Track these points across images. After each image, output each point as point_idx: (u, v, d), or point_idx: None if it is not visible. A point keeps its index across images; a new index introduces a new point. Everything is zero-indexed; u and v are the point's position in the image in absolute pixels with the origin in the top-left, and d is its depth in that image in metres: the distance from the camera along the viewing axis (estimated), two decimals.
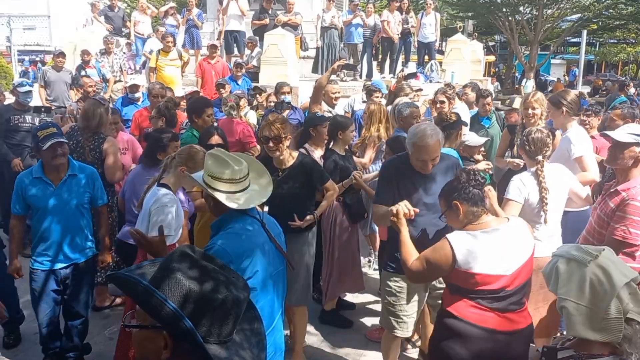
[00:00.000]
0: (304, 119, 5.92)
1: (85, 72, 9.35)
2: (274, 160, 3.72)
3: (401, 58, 13.14)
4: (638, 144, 3.14)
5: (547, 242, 3.40)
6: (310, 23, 12.89)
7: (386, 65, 13.38)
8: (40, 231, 3.71)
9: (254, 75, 10.56)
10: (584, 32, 18.39)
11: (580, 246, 1.80)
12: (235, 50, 11.80)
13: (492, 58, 34.67)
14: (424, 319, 3.77)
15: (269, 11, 11.80)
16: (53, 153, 3.58)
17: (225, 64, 10.45)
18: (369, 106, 5.61)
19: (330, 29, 11.67)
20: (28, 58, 30.89)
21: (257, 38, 11.25)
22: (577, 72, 23.32)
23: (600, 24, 27.89)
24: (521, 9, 25.43)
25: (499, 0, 25.18)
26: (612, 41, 37.37)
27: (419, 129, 3.19)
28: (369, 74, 12.28)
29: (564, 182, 3.62)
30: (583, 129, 4.44)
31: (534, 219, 3.46)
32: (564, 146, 4.17)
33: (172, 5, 13.07)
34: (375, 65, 13.24)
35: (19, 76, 20.18)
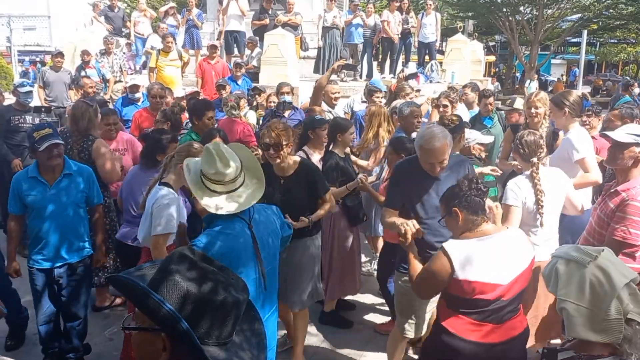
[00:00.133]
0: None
1: (85, 73, 9.36)
2: (274, 167, 3.66)
3: (401, 58, 13.14)
4: (638, 144, 3.13)
5: (544, 246, 3.37)
6: (311, 23, 12.88)
7: (386, 66, 13.38)
8: (35, 231, 3.73)
9: (254, 76, 10.56)
10: (584, 32, 18.36)
11: (579, 247, 1.80)
12: (236, 50, 11.80)
13: (492, 58, 34.69)
14: (431, 322, 3.76)
15: (269, 11, 11.80)
16: (49, 154, 3.60)
17: (225, 64, 10.45)
18: (370, 108, 5.61)
19: (332, 29, 11.67)
20: (28, 58, 30.87)
21: (257, 38, 11.25)
22: (578, 72, 23.32)
23: (600, 24, 27.90)
24: (521, 9, 25.45)
25: (499, 0, 25.20)
26: (613, 41, 37.39)
27: (426, 132, 3.17)
28: (369, 74, 12.28)
29: (560, 185, 3.59)
30: (585, 130, 4.41)
31: (530, 223, 3.44)
32: (565, 147, 4.14)
33: (172, 5, 13.07)
34: (375, 66, 13.24)
35: (19, 76, 20.17)
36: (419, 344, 4.14)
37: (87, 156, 4.57)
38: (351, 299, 4.94)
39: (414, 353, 4.16)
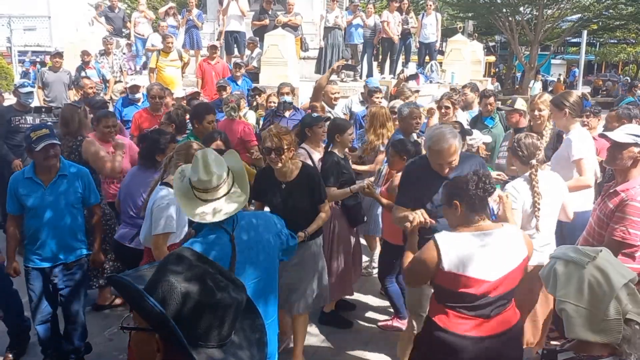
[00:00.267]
0: None
1: (85, 73, 9.36)
2: (275, 172, 3.65)
3: (401, 59, 13.15)
4: (637, 144, 3.12)
5: (542, 251, 3.33)
6: (311, 24, 12.88)
7: (386, 66, 13.38)
8: (31, 231, 3.74)
9: (254, 76, 10.56)
10: (584, 32, 18.34)
11: (577, 248, 1.80)
12: (236, 50, 11.80)
13: (492, 58, 34.64)
14: None
15: (269, 12, 11.79)
16: (45, 154, 3.63)
17: (226, 65, 10.46)
18: (370, 108, 5.61)
19: (333, 29, 11.65)
20: (28, 59, 30.88)
21: (258, 39, 11.26)
22: (577, 72, 23.32)
23: (600, 24, 27.89)
24: (521, 9, 25.43)
25: (499, 1, 25.19)
26: (613, 41, 37.37)
27: (435, 133, 3.18)
28: (370, 74, 12.28)
29: (558, 188, 3.58)
30: (586, 130, 4.39)
31: (526, 227, 3.41)
32: (565, 148, 4.13)
33: (172, 5, 13.07)
34: (375, 66, 13.24)
35: (20, 77, 20.20)
36: None
37: (78, 157, 4.56)
38: (351, 299, 4.95)
39: None
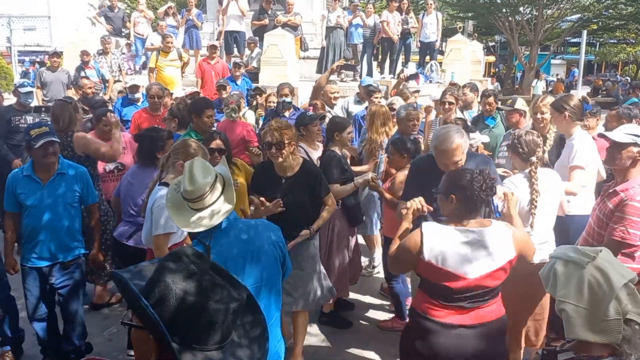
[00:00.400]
0: None
1: (85, 73, 9.35)
2: (275, 167, 3.65)
3: (401, 58, 13.14)
4: (636, 144, 3.12)
5: (540, 249, 3.27)
6: (310, 23, 12.87)
7: (386, 66, 13.38)
8: (29, 229, 3.74)
9: (254, 76, 10.55)
10: (584, 32, 18.42)
11: (577, 248, 1.80)
12: (235, 50, 11.80)
13: (492, 58, 34.67)
14: None
15: (269, 12, 11.79)
16: (44, 152, 3.63)
17: (225, 65, 10.45)
18: (370, 108, 5.61)
19: (335, 28, 11.64)
20: (28, 59, 30.89)
21: (258, 38, 11.26)
22: (577, 72, 23.33)
23: (600, 24, 27.92)
24: (521, 9, 25.45)
25: (499, 1, 25.21)
26: (612, 41, 37.40)
27: (440, 133, 3.20)
28: (369, 74, 12.28)
29: (557, 186, 3.58)
30: (588, 134, 4.35)
31: (523, 224, 3.35)
32: (566, 153, 4.11)
33: (171, 5, 13.06)
34: (375, 66, 13.24)
35: (20, 77, 20.20)
36: None
37: (71, 152, 4.53)
38: (351, 298, 4.95)
39: None
